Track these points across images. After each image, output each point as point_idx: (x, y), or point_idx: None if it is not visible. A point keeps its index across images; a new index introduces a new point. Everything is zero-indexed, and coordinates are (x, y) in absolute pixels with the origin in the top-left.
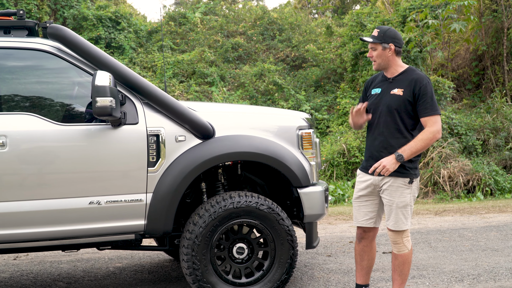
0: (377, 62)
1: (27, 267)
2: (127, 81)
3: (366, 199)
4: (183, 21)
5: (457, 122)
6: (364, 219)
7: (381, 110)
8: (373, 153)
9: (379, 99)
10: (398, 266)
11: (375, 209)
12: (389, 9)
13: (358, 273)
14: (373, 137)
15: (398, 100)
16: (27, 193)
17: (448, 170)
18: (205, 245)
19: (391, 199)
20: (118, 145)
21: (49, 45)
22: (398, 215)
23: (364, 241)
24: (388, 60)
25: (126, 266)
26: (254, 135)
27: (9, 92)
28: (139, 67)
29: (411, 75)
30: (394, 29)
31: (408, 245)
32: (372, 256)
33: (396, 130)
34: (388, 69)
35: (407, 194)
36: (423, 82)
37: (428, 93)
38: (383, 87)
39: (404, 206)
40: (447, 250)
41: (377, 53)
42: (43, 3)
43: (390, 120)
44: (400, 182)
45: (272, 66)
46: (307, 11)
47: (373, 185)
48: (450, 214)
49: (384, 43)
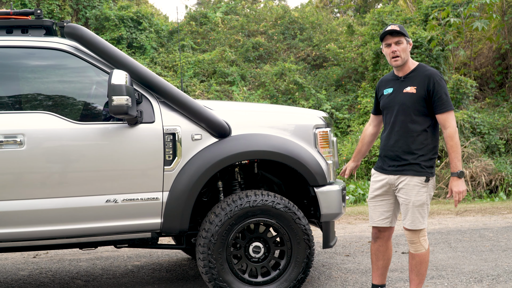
0: (401, 57)
1: (46, 265)
2: (143, 80)
3: (382, 199)
4: (204, 21)
5: (479, 121)
6: (380, 219)
7: (395, 109)
8: (388, 152)
9: (391, 99)
10: (416, 266)
11: (391, 208)
12: (411, 7)
13: (374, 273)
14: (388, 137)
15: (412, 98)
16: (45, 191)
17: (470, 170)
18: (221, 244)
19: (407, 198)
20: (135, 143)
21: (67, 44)
22: (414, 214)
23: (379, 241)
24: (408, 56)
25: (144, 264)
26: (270, 134)
27: (27, 91)
28: (160, 66)
29: (423, 71)
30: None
31: (425, 245)
32: (388, 256)
33: (411, 129)
34: (403, 66)
35: (424, 193)
36: (436, 78)
37: (442, 89)
38: (395, 86)
39: (421, 205)
40: (467, 251)
41: (403, 47)
42: (65, 3)
43: (404, 119)
44: (417, 180)
45: (293, 65)
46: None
47: (389, 184)
48: (472, 214)
49: (407, 37)
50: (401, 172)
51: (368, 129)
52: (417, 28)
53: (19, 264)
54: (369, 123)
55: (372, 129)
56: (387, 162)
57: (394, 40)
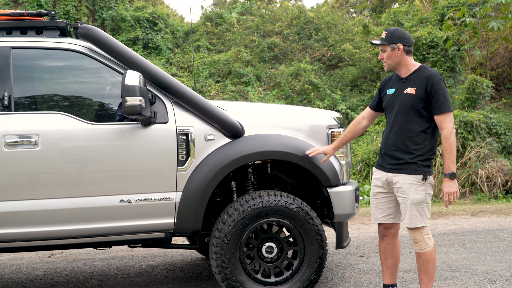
0: (387, 63)
1: (61, 264)
2: (157, 81)
3: (383, 196)
4: (220, 21)
5: (495, 122)
6: (382, 216)
7: (395, 109)
8: (387, 151)
9: (393, 99)
10: (423, 265)
11: (393, 205)
12: (427, 7)
13: (384, 273)
14: (389, 136)
15: (411, 99)
16: (59, 191)
17: (486, 170)
18: (234, 244)
19: (405, 196)
20: (148, 144)
21: (81, 45)
22: (412, 212)
23: (386, 239)
24: (399, 60)
25: (158, 264)
26: (283, 134)
27: (41, 91)
28: (175, 67)
29: (424, 73)
30: (402, 29)
31: (430, 243)
32: (397, 254)
33: (410, 129)
34: (401, 69)
35: (422, 191)
36: (435, 80)
37: (440, 90)
38: (397, 87)
39: (419, 203)
40: (481, 251)
41: (387, 54)
42: (81, 4)
43: (404, 120)
44: (413, 179)
45: (308, 65)
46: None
47: (387, 182)
48: (487, 215)
49: (392, 44)
50: (398, 170)
51: (362, 122)
52: (433, 28)
53: (34, 264)
54: (363, 115)
55: (366, 123)
56: (386, 160)
57: (380, 48)
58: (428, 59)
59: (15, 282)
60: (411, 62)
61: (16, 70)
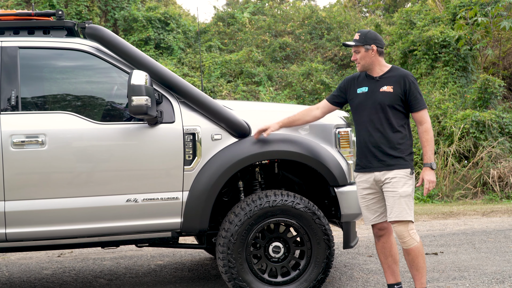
0: (361, 63)
1: (70, 264)
2: (163, 80)
3: (373, 196)
4: (232, 21)
5: (508, 121)
6: (375, 216)
7: (372, 107)
8: (370, 149)
9: (367, 97)
10: (413, 261)
11: (383, 203)
12: (439, 7)
13: (387, 273)
14: (368, 134)
15: (390, 97)
16: (66, 191)
17: (498, 170)
18: (241, 244)
19: (395, 190)
20: (155, 143)
21: (88, 45)
22: (401, 205)
23: (383, 238)
24: (372, 60)
25: (167, 264)
26: (290, 134)
27: (48, 91)
28: (187, 67)
29: (398, 72)
30: (374, 31)
31: (416, 238)
32: (395, 251)
33: (390, 125)
34: (373, 69)
35: (410, 185)
36: (411, 79)
37: (417, 89)
38: (370, 85)
39: (408, 196)
40: (490, 252)
41: (360, 55)
42: (94, 4)
43: (383, 116)
44: (402, 173)
45: (320, 65)
46: (357, 9)
47: (375, 181)
48: (498, 215)
49: (366, 45)
50: (387, 167)
51: (315, 111)
52: (445, 28)
53: (43, 263)
54: (317, 106)
55: (319, 114)
56: (371, 160)
57: (353, 49)
58: (440, 58)
59: (24, 281)
60: (383, 63)
61: (24, 70)
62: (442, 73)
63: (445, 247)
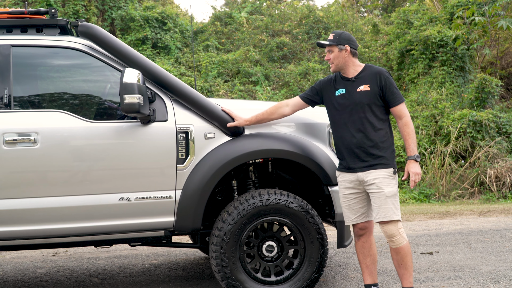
0: (334, 63)
1: (65, 263)
2: (156, 79)
3: (355, 196)
4: (229, 21)
5: (505, 121)
6: (356, 216)
7: (351, 108)
8: (353, 150)
9: (346, 98)
10: (402, 260)
11: (365, 203)
12: (437, 6)
13: (364, 273)
14: (350, 135)
15: (368, 95)
16: (58, 190)
17: (495, 170)
18: (234, 243)
19: (380, 190)
20: (148, 142)
21: (80, 43)
22: (388, 205)
23: (363, 237)
24: (345, 61)
25: (161, 263)
26: (283, 132)
27: (41, 90)
28: (184, 66)
29: (372, 70)
30: (348, 32)
31: (404, 236)
32: (374, 251)
33: (371, 124)
34: (347, 70)
35: (394, 185)
36: (385, 75)
37: (392, 84)
38: (347, 87)
39: (393, 195)
40: (486, 251)
41: (334, 55)
42: (91, 4)
43: (364, 116)
44: (385, 173)
45: (317, 65)
46: (355, 9)
47: (358, 181)
48: (494, 215)
49: (340, 45)
50: (371, 167)
51: (284, 108)
52: (443, 27)
53: (38, 262)
54: (287, 103)
55: (288, 111)
56: (354, 161)
57: (327, 49)
58: (437, 58)
59: (18, 280)
60: (357, 63)
61: (16, 68)
62: (439, 72)
63: (440, 246)
